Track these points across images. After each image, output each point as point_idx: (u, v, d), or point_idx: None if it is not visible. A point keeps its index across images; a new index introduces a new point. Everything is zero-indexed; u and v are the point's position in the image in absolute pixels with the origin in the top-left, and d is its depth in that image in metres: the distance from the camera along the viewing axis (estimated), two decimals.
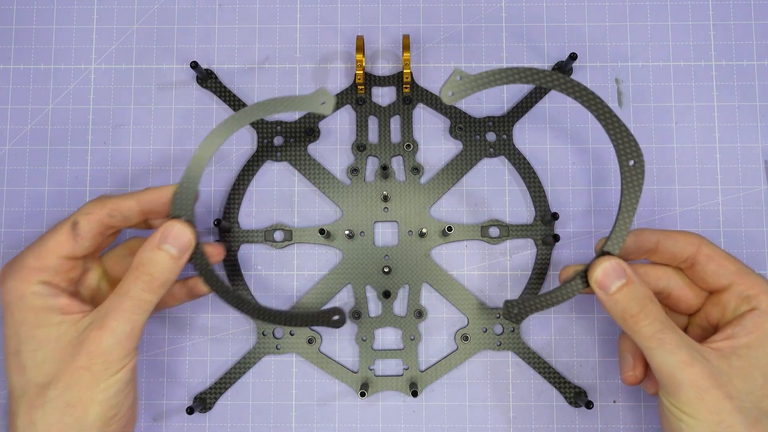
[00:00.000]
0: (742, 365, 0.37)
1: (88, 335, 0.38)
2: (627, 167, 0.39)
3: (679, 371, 0.36)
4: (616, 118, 0.38)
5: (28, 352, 0.38)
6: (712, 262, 0.40)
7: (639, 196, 0.39)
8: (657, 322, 0.37)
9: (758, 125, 0.49)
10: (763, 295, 0.39)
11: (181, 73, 0.50)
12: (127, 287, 0.39)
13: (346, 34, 0.50)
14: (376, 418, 0.47)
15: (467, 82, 0.39)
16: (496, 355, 0.48)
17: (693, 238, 0.41)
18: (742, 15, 0.50)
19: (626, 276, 0.38)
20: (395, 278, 0.48)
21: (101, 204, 0.41)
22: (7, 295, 0.39)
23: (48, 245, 0.40)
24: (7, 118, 0.50)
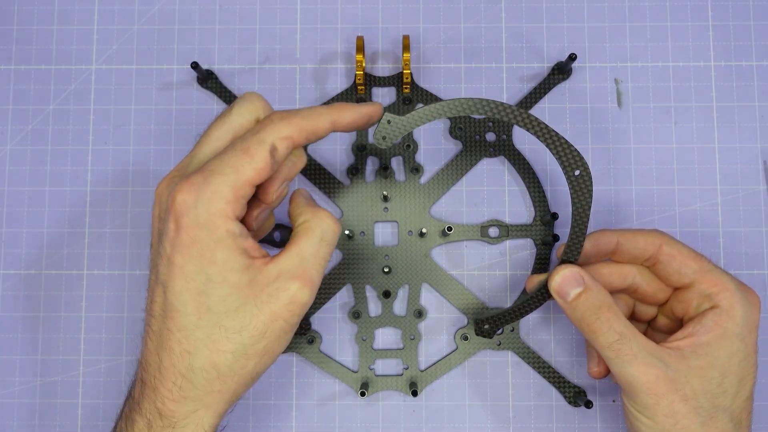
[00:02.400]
0: (700, 365, 0.38)
1: (289, 286, 0.35)
2: (573, 177, 0.39)
3: (635, 378, 0.37)
4: (553, 132, 0.38)
5: (218, 296, 0.35)
6: (673, 261, 0.41)
7: (590, 204, 0.39)
8: (612, 332, 0.38)
9: (757, 125, 0.49)
10: (724, 293, 0.39)
11: (182, 73, 0.50)
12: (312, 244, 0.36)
13: (346, 35, 0.50)
14: (376, 417, 0.47)
15: (398, 125, 0.38)
16: (496, 355, 0.48)
17: (653, 238, 0.41)
18: (741, 16, 0.50)
19: (584, 283, 0.39)
20: (395, 278, 0.48)
21: (297, 126, 0.36)
22: (195, 229, 0.34)
23: (246, 173, 0.34)
24: (8, 118, 0.50)
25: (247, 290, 0.35)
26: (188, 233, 0.34)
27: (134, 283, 0.48)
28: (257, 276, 0.35)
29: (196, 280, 0.35)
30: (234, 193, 0.34)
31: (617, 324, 0.38)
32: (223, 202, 0.34)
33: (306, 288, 0.36)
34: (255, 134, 0.35)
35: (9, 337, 0.48)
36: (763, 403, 0.47)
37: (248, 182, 0.35)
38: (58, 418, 0.47)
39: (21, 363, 0.48)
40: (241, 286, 0.35)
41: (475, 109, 0.38)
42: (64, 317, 0.48)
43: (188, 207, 0.34)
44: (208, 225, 0.34)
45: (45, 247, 0.49)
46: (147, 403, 0.36)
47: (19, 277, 0.49)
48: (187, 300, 0.35)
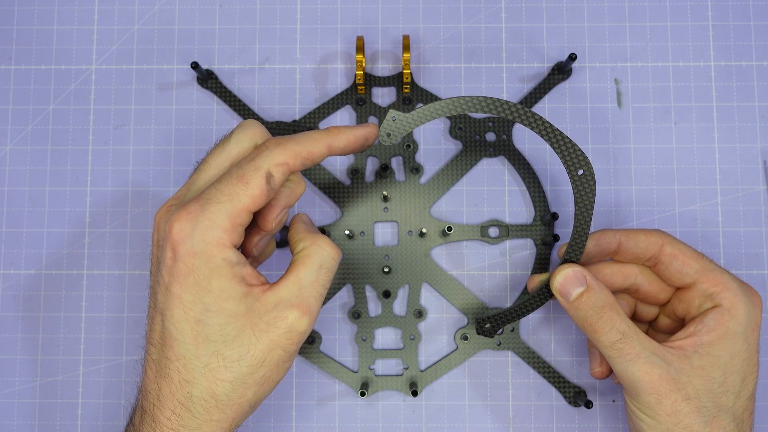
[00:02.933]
0: (702, 364, 0.38)
1: (287, 315, 0.35)
2: (577, 177, 0.39)
3: (638, 379, 0.38)
4: (558, 131, 0.38)
5: (216, 325, 0.35)
6: (675, 261, 0.41)
7: (593, 203, 0.39)
8: (615, 331, 0.38)
9: (757, 125, 0.49)
10: (726, 292, 0.39)
11: (182, 73, 0.50)
12: (311, 272, 0.36)
13: (346, 35, 0.50)
14: (376, 417, 0.47)
15: (403, 122, 0.38)
16: (496, 355, 0.48)
17: (655, 238, 0.41)
18: (741, 16, 0.50)
19: (586, 283, 0.39)
20: (395, 278, 0.48)
21: (292, 152, 0.36)
22: (191, 258, 0.34)
23: (242, 201, 0.34)
24: (9, 118, 0.50)
25: (244, 319, 0.35)
26: (185, 262, 0.34)
27: (134, 283, 0.48)
28: (255, 304, 0.35)
29: (193, 309, 0.35)
30: (230, 221, 0.34)
31: (620, 323, 0.38)
32: (220, 231, 0.34)
33: (304, 317, 0.36)
34: (251, 161, 0.35)
35: (9, 337, 0.48)
36: (765, 403, 0.47)
37: (244, 210, 0.35)
38: (58, 418, 0.47)
39: (21, 363, 0.48)
40: (238, 315, 0.35)
41: (480, 107, 0.38)
42: (64, 317, 0.48)
43: (185, 236, 0.34)
44: (205, 254, 0.34)
45: (45, 247, 0.49)
46: (147, 430, 0.36)
47: (19, 277, 0.49)
48: (185, 329, 0.35)
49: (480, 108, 0.38)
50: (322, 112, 0.49)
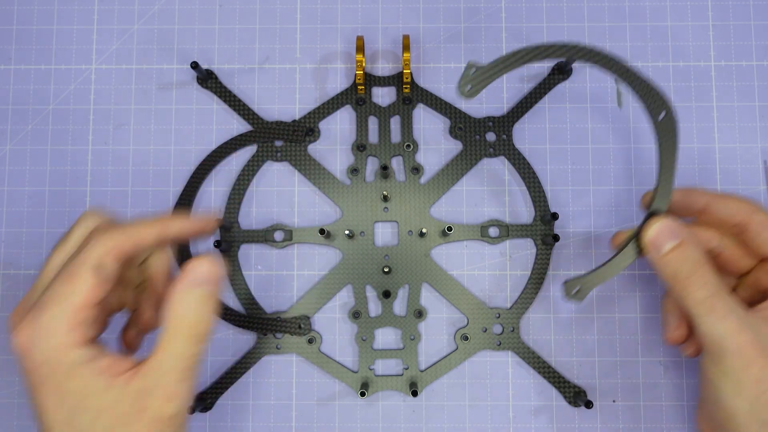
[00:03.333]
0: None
1: (150, 404, 0.34)
2: (658, 122, 0.38)
3: (727, 339, 0.36)
4: (639, 74, 0.38)
5: (85, 422, 0.34)
6: (766, 230, 0.39)
7: (677, 149, 0.38)
8: (709, 286, 0.37)
9: (757, 125, 0.49)
10: None
11: (182, 73, 0.50)
12: (176, 347, 0.34)
13: (346, 35, 0.50)
14: (376, 417, 0.47)
15: (483, 73, 0.39)
16: (496, 355, 0.48)
17: (746, 205, 0.40)
18: (742, 16, 0.50)
19: (680, 237, 0.38)
20: (395, 278, 0.48)
21: (119, 238, 0.35)
22: (40, 368, 0.33)
23: (76, 300, 0.34)
24: (8, 118, 0.50)
25: (112, 411, 0.34)
26: (36, 373, 0.33)
27: None
28: (121, 394, 0.34)
29: (59, 413, 0.34)
30: (70, 322, 0.33)
31: (712, 279, 0.37)
32: (61, 335, 0.33)
33: (170, 403, 0.34)
34: (77, 256, 0.35)
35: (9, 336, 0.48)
36: None
37: (82, 307, 0.34)
38: None
39: None
40: (105, 409, 0.34)
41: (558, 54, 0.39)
42: None
43: (28, 349, 0.33)
44: (52, 361, 0.33)
45: (45, 247, 0.49)
46: None
47: (19, 277, 0.49)
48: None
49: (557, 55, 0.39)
50: (322, 111, 0.49)
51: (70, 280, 0.34)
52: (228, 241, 0.48)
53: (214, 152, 0.49)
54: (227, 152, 0.49)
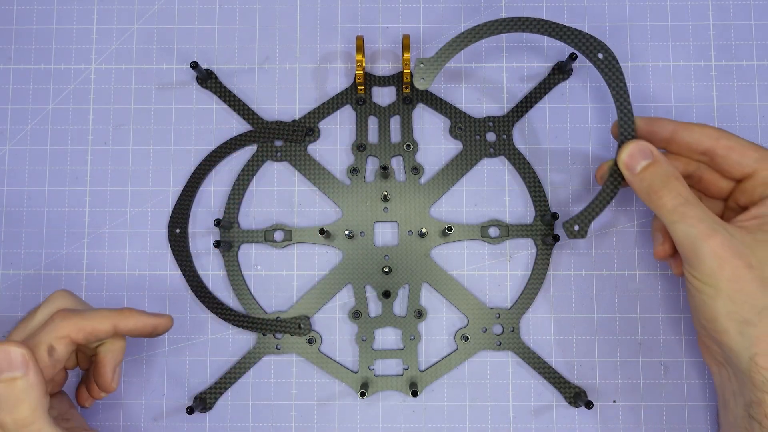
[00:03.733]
0: (766, 239, 0.38)
1: None
2: (599, 61, 0.42)
3: (700, 242, 0.37)
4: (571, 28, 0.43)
5: None
6: (732, 152, 0.41)
7: (624, 80, 0.42)
8: (679, 196, 0.39)
9: (758, 125, 0.49)
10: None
11: (181, 73, 0.50)
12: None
13: (346, 34, 0.50)
14: (376, 418, 0.47)
15: (431, 63, 0.43)
16: (496, 355, 0.48)
17: (711, 131, 0.42)
18: (742, 15, 0.50)
19: (653, 156, 0.40)
20: (395, 278, 0.48)
21: (75, 326, 0.38)
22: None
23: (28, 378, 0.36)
24: (8, 118, 0.50)
25: None
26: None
27: (133, 283, 0.48)
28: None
29: None
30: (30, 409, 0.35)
31: (683, 190, 0.39)
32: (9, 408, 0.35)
33: None
34: (35, 335, 0.38)
35: None
36: None
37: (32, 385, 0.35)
38: None
39: None
40: None
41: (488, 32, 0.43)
42: None
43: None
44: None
45: (44, 247, 0.49)
46: None
47: (18, 277, 0.49)
48: None
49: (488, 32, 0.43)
50: (322, 111, 0.49)
51: None
52: (228, 241, 0.48)
53: (213, 152, 0.49)
54: (227, 152, 0.49)
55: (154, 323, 0.41)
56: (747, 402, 0.38)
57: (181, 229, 0.48)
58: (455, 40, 0.43)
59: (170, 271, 0.48)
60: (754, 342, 0.37)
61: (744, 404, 0.39)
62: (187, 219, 0.49)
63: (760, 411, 0.37)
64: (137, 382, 0.47)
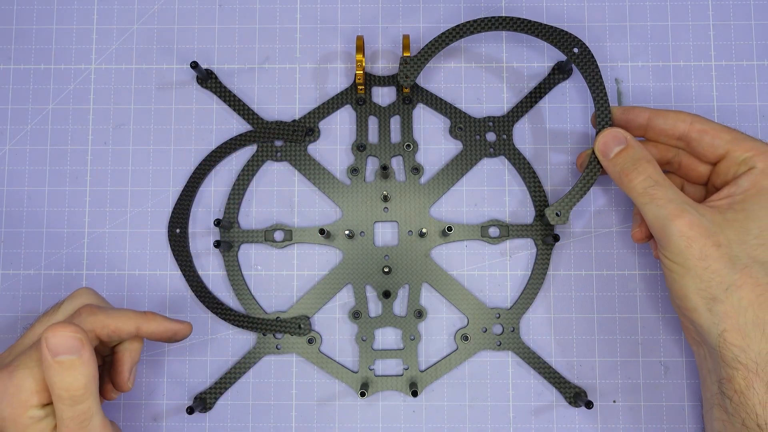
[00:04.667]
0: (736, 218, 0.39)
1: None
2: (575, 55, 0.45)
3: (669, 222, 0.39)
4: (548, 25, 0.45)
5: None
6: (706, 135, 0.42)
7: (599, 72, 0.45)
8: (649, 179, 0.40)
9: (758, 125, 0.49)
10: (759, 155, 0.40)
11: (181, 73, 0.50)
12: (60, 413, 0.37)
13: (346, 34, 0.50)
14: (376, 418, 0.47)
15: (414, 61, 0.45)
16: (496, 355, 0.48)
17: (684, 116, 0.43)
18: (742, 15, 0.50)
19: (626, 141, 0.42)
20: (395, 278, 0.48)
21: (101, 322, 0.39)
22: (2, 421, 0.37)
23: None
24: (8, 118, 0.50)
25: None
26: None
27: (133, 283, 0.48)
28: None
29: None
30: (38, 384, 0.36)
31: (654, 173, 0.40)
32: (27, 394, 0.36)
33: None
34: None
35: (9, 337, 0.48)
36: None
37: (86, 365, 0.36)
38: None
39: None
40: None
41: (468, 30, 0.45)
42: None
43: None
44: (13, 416, 0.36)
45: (44, 247, 0.49)
46: None
47: (19, 277, 0.49)
48: None
49: (469, 31, 0.45)
50: (322, 111, 0.49)
51: None
52: (228, 241, 0.48)
53: (213, 152, 0.49)
54: (227, 152, 0.49)
55: (175, 329, 0.42)
56: (719, 378, 0.39)
57: (181, 229, 0.48)
58: (437, 39, 0.45)
59: (170, 271, 0.48)
60: (722, 318, 0.38)
61: (717, 380, 0.39)
62: (187, 219, 0.49)
63: (730, 387, 0.38)
64: (137, 382, 0.47)
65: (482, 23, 0.46)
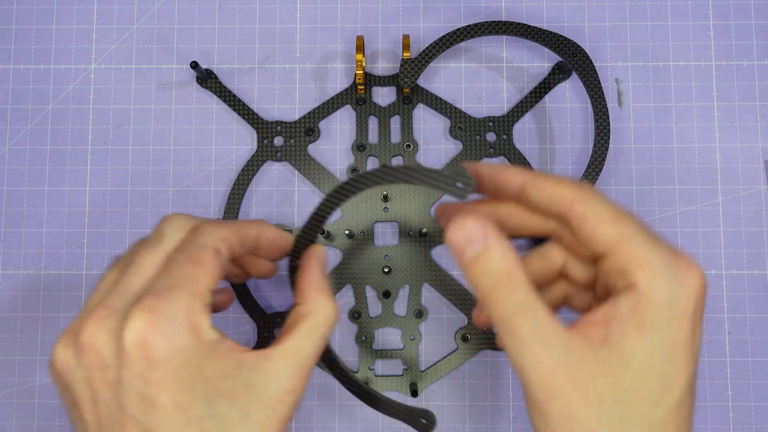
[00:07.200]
0: (611, 359, 0.29)
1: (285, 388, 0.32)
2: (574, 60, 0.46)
3: (528, 367, 0.30)
4: (548, 30, 0.45)
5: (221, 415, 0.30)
6: (585, 224, 0.31)
7: (598, 80, 0.46)
8: (512, 304, 0.30)
9: (758, 125, 0.49)
10: (642, 270, 0.29)
11: (181, 73, 0.50)
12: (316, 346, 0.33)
13: (346, 34, 0.50)
14: (376, 417, 0.47)
15: (414, 63, 0.45)
16: (496, 355, 0.48)
17: (566, 191, 0.32)
18: (742, 15, 0.50)
19: (484, 243, 0.30)
20: (395, 278, 0.48)
21: (230, 229, 0.34)
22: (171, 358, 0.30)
23: (203, 280, 0.32)
24: (7, 118, 0.50)
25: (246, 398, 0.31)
26: (170, 361, 0.29)
27: None
28: (251, 376, 0.31)
29: (194, 408, 0.30)
30: (200, 302, 0.31)
31: (517, 295, 0.30)
32: (194, 315, 0.31)
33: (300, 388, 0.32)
34: (193, 243, 0.33)
35: (9, 337, 0.48)
36: (765, 404, 0.47)
37: (207, 289, 0.32)
38: (58, 418, 0.47)
39: (21, 363, 0.48)
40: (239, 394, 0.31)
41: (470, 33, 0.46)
42: (64, 317, 0.48)
43: (157, 334, 0.29)
44: (188, 345, 0.30)
45: (44, 247, 0.49)
46: None
47: (19, 277, 0.49)
48: None
49: (469, 35, 0.46)
50: (322, 111, 0.49)
51: (193, 262, 0.32)
52: None
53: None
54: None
55: (288, 238, 0.37)
56: None
57: None
58: (437, 42, 0.45)
59: None
60: None
61: None
62: None
63: None
64: None
65: (481, 27, 0.46)
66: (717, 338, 0.47)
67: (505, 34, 0.46)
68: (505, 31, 0.46)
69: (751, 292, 0.48)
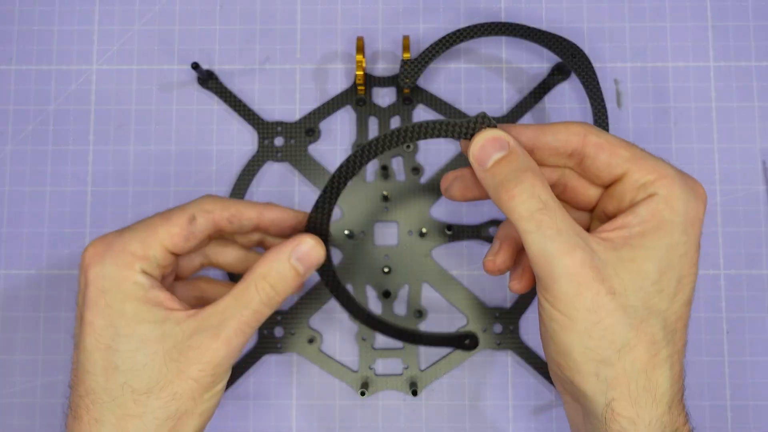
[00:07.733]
0: (633, 257, 0.31)
1: (200, 343, 0.33)
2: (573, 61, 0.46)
3: (557, 260, 0.30)
4: (548, 32, 0.46)
5: (126, 352, 0.33)
6: (602, 152, 0.33)
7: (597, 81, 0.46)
8: (536, 199, 0.31)
9: (756, 126, 0.49)
10: (662, 180, 0.32)
11: (182, 73, 0.50)
12: (248, 298, 0.34)
13: (346, 35, 0.51)
14: (376, 417, 0.47)
15: (414, 64, 0.46)
16: (496, 355, 0.48)
17: (577, 128, 0.34)
18: (741, 16, 0.50)
19: (508, 147, 0.32)
20: (395, 278, 0.48)
21: (222, 205, 0.37)
22: (101, 280, 0.33)
23: (158, 234, 0.35)
24: (9, 118, 0.50)
25: (156, 345, 0.33)
26: (96, 285, 0.34)
27: None
28: (173, 330, 0.33)
29: (104, 334, 0.33)
30: (143, 249, 0.34)
31: (542, 191, 0.31)
32: (131, 256, 0.34)
33: (221, 348, 0.33)
34: (180, 206, 0.37)
35: (9, 337, 0.48)
36: (763, 403, 0.47)
37: (159, 242, 0.35)
38: (58, 418, 0.47)
39: (21, 363, 0.48)
40: (150, 341, 0.33)
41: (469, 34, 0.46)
42: (64, 317, 0.48)
43: (96, 260, 0.34)
44: (115, 276, 0.34)
45: (45, 247, 0.49)
46: None
47: (19, 277, 0.49)
48: (96, 359, 0.33)
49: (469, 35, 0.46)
50: (322, 112, 0.49)
51: (163, 217, 0.35)
52: None
53: None
54: None
55: (299, 217, 0.39)
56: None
57: None
58: (437, 43, 0.46)
59: None
60: (611, 386, 0.31)
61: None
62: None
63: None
64: None
65: (481, 28, 0.46)
66: (715, 338, 0.48)
67: (505, 35, 0.47)
68: (504, 32, 0.47)
69: (749, 292, 0.48)
